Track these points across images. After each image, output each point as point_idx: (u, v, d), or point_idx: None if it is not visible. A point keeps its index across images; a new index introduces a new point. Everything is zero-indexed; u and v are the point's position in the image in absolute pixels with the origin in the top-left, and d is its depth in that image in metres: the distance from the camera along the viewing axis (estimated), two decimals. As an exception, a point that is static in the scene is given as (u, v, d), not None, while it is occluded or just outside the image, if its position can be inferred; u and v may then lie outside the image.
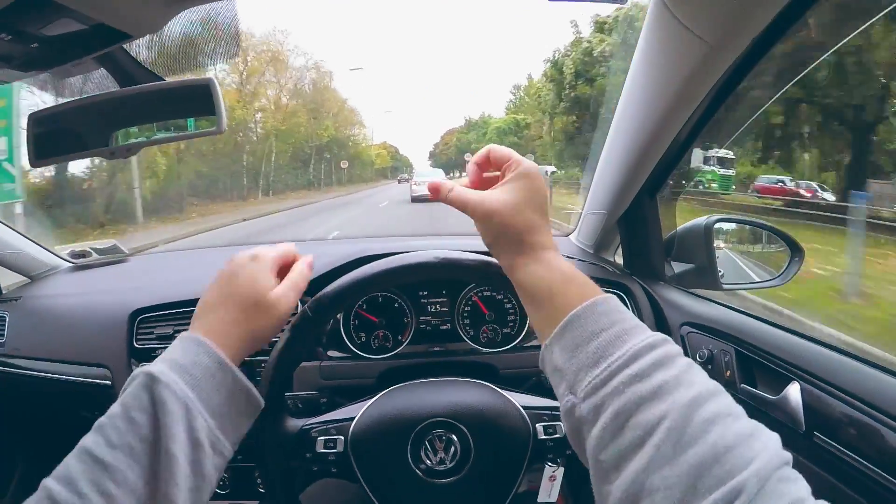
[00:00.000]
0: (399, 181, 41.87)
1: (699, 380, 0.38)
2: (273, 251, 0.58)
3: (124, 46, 0.62)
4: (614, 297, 0.45)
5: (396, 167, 59.15)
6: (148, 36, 0.62)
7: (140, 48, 0.66)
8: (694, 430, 0.34)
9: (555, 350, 0.43)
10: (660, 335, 0.41)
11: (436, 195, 0.53)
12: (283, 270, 0.59)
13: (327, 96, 32.36)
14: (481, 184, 0.54)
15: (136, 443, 0.42)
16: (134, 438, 0.42)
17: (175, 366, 0.46)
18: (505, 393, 0.79)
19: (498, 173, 0.53)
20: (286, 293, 0.56)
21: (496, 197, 0.49)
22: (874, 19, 0.67)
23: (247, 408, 0.51)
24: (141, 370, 0.45)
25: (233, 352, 0.51)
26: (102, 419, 0.43)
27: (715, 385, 0.38)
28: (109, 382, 1.07)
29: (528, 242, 0.48)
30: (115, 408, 0.44)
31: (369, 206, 17.85)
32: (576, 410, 0.40)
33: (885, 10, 0.65)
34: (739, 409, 0.37)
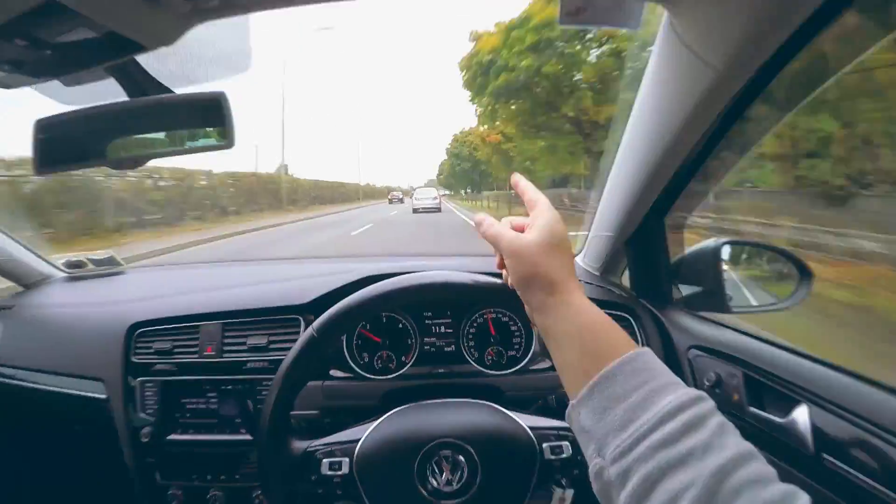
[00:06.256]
0: (391, 200, 39.67)
1: (730, 443, 0.37)
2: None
3: (136, 57, 0.62)
4: (647, 351, 0.44)
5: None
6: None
7: (151, 59, 0.66)
8: (722, 499, 0.33)
9: (582, 412, 0.43)
10: (693, 392, 0.40)
11: (477, 227, 0.55)
12: None
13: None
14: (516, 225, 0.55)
15: None
16: None
17: None
18: (512, 414, 0.78)
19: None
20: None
21: (529, 237, 0.50)
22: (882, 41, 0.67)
23: None
24: None
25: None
26: None
27: (747, 448, 0.37)
28: (105, 396, 1.03)
29: (558, 285, 0.48)
30: None
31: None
32: (604, 473, 0.39)
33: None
34: (771, 473, 0.36)
